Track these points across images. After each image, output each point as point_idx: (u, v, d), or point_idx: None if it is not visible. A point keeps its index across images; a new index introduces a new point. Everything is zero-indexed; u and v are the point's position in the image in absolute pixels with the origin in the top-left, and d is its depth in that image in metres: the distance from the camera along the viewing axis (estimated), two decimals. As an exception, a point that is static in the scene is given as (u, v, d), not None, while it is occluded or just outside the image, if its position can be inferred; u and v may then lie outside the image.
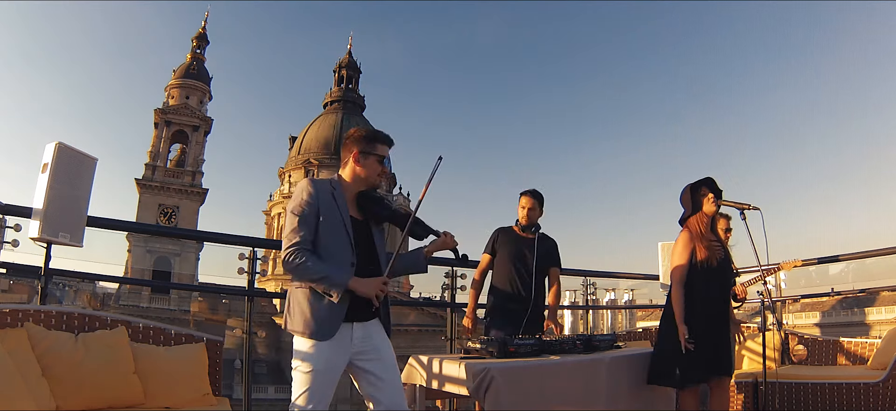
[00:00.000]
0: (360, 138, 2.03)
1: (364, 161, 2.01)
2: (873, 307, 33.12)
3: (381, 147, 2.04)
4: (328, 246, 1.89)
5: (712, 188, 2.98)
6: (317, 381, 1.84)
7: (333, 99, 42.64)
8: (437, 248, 2.09)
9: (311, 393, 1.83)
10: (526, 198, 3.30)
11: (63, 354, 2.19)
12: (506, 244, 3.30)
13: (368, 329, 1.97)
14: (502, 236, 3.33)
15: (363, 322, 1.95)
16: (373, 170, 2.02)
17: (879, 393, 3.22)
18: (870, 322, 32.46)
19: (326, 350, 1.85)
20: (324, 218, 1.90)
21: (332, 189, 1.97)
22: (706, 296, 2.86)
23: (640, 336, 4.73)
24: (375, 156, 2.02)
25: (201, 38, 40.32)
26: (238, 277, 3.57)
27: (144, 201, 35.84)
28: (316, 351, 1.84)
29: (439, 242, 2.06)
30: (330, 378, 1.87)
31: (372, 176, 2.03)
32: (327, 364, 1.86)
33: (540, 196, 3.32)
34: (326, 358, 1.85)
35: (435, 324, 26.47)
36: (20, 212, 3.02)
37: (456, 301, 4.46)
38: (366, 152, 2.01)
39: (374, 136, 2.05)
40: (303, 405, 1.82)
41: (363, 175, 2.02)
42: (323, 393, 1.85)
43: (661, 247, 5.06)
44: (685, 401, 2.94)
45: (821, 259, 4.73)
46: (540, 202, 3.31)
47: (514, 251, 3.26)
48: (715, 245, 2.96)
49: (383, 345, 2.00)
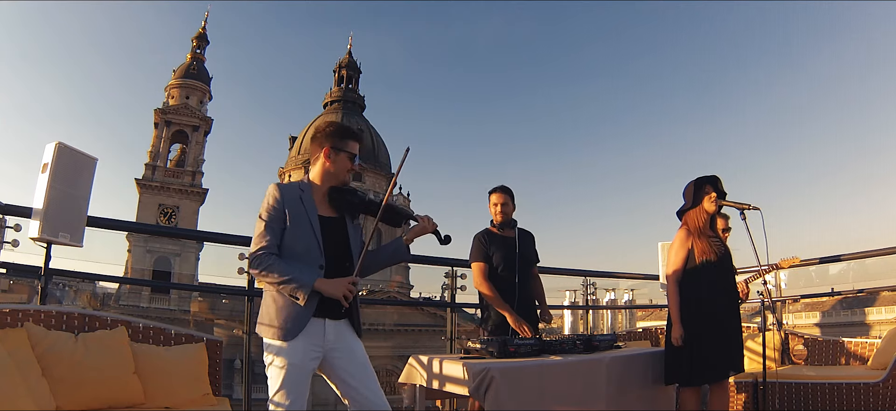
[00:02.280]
0: (331, 134, 2.01)
1: (335, 157, 2.00)
2: (873, 307, 33.09)
3: (352, 144, 2.03)
4: (295, 249, 1.89)
5: (716, 187, 2.98)
6: (291, 377, 1.83)
7: (333, 99, 42.58)
8: (417, 234, 2.07)
9: (287, 389, 1.82)
10: (497, 196, 3.25)
11: (63, 354, 2.19)
12: (494, 247, 3.19)
13: (341, 327, 1.96)
14: (489, 239, 3.22)
15: (335, 320, 1.94)
16: (343, 166, 2.01)
17: (879, 393, 3.22)
18: (870, 322, 32.43)
19: (300, 345, 1.84)
20: (291, 221, 1.89)
21: (300, 191, 1.96)
22: (710, 293, 2.86)
23: (640, 336, 4.73)
24: (346, 152, 2.01)
25: (201, 38, 40.27)
26: (238, 277, 3.57)
27: (144, 201, 35.79)
28: (289, 345, 1.84)
29: (418, 228, 2.05)
30: (304, 373, 1.86)
31: (342, 172, 2.02)
32: (301, 358, 1.85)
33: (510, 191, 3.29)
34: (301, 353, 1.85)
35: (435, 324, 26.45)
36: (20, 212, 3.01)
37: (456, 301, 4.46)
38: (337, 148, 2.00)
39: (345, 133, 2.04)
40: (281, 401, 1.82)
41: (333, 171, 2.01)
42: (299, 389, 1.84)
43: (661, 247, 5.05)
44: (685, 401, 2.95)
45: (821, 259, 4.73)
46: (511, 197, 3.27)
47: (501, 252, 3.18)
48: (714, 241, 2.96)
49: (355, 344, 1.99)
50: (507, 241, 3.21)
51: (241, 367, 3.54)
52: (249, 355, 3.66)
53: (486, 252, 3.17)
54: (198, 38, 40.18)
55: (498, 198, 3.24)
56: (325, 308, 1.90)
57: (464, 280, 4.49)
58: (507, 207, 3.23)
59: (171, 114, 37.59)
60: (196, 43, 40.01)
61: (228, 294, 29.34)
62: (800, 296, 5.39)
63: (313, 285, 1.83)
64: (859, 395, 3.29)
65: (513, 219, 3.27)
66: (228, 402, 2.64)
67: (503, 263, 3.15)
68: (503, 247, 3.18)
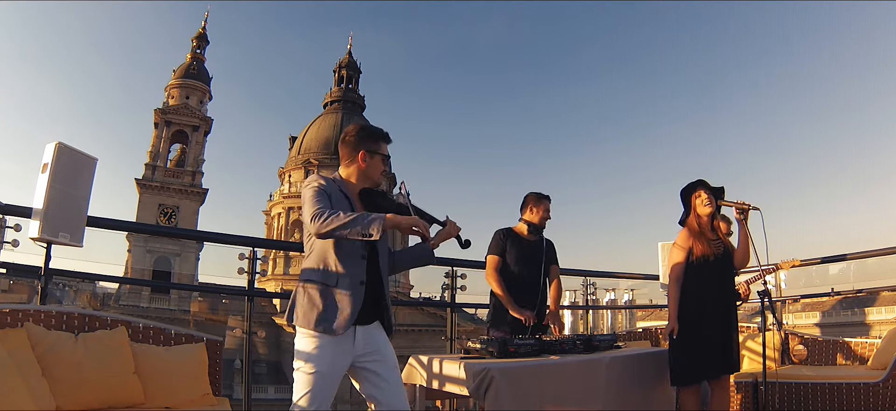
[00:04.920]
0: (365, 138, 2.03)
1: (371, 159, 2.03)
2: (873, 307, 33.10)
3: (384, 146, 2.06)
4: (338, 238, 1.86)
5: (705, 188, 3.02)
6: (319, 382, 1.82)
7: (333, 99, 42.57)
8: (443, 239, 2.09)
9: (313, 394, 1.82)
10: (547, 202, 3.33)
11: (63, 354, 2.19)
12: (514, 247, 3.25)
13: (370, 331, 1.96)
14: (509, 238, 3.27)
15: (365, 325, 1.94)
16: (377, 169, 2.04)
17: (879, 393, 3.22)
18: (870, 322, 32.44)
19: (330, 351, 1.84)
20: (334, 206, 1.88)
21: (339, 185, 1.98)
22: (707, 293, 2.88)
23: (640, 336, 4.72)
24: (380, 154, 2.04)
25: (201, 38, 40.29)
26: (238, 277, 3.58)
27: (144, 201, 35.81)
28: (319, 351, 1.83)
29: (444, 232, 2.07)
30: (332, 379, 1.86)
31: (376, 174, 2.05)
32: (331, 365, 1.84)
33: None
34: (330, 359, 1.84)
35: (435, 324, 26.43)
36: (20, 212, 3.02)
37: (456, 301, 4.45)
38: (372, 151, 2.02)
39: (379, 135, 2.06)
40: (305, 406, 1.81)
41: (367, 173, 2.03)
42: (325, 394, 1.84)
43: (661, 247, 5.05)
44: (685, 401, 2.95)
45: (823, 259, 4.73)
46: None
47: (522, 255, 3.23)
48: (715, 242, 2.97)
49: (385, 346, 1.99)
50: (529, 245, 3.27)
51: (241, 367, 3.54)
52: (249, 355, 3.66)
53: (502, 248, 3.24)
54: (198, 38, 40.20)
55: (547, 205, 3.33)
56: (361, 314, 1.90)
57: (464, 280, 4.49)
58: (549, 216, 3.33)
59: (171, 114, 37.60)
60: (196, 43, 40.04)
61: (228, 294, 29.40)
62: (800, 296, 5.39)
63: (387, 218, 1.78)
64: (859, 395, 3.29)
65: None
66: (228, 402, 2.64)
67: (518, 264, 3.20)
68: (523, 249, 3.25)
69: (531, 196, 3.35)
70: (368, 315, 1.94)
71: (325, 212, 1.78)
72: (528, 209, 3.33)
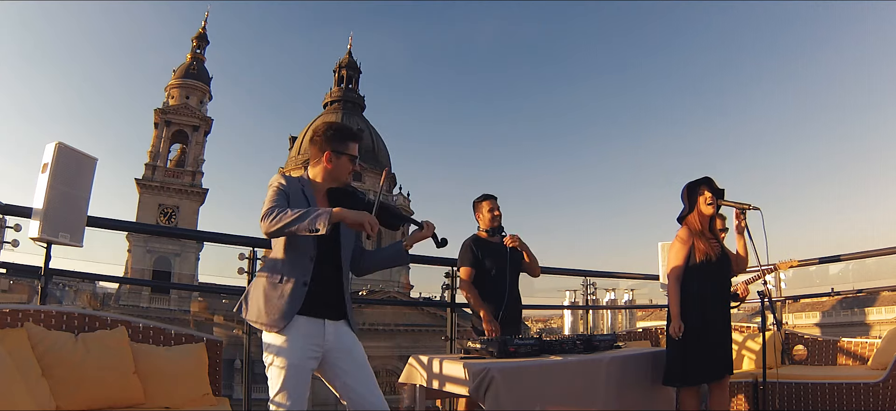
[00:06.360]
0: (332, 137, 2.02)
1: (336, 160, 2.01)
2: (873, 307, 33.10)
3: (352, 145, 2.04)
4: (291, 236, 1.87)
5: (711, 188, 2.99)
6: (292, 377, 1.83)
7: (333, 99, 42.57)
8: (418, 239, 2.07)
9: (288, 390, 1.82)
10: (491, 203, 3.37)
11: (63, 354, 2.19)
12: (480, 250, 3.28)
13: (340, 327, 1.97)
14: (479, 245, 3.30)
15: (334, 320, 1.95)
16: (345, 169, 2.03)
17: (879, 393, 3.22)
18: (870, 322, 32.44)
19: (299, 345, 1.85)
20: (292, 207, 1.87)
21: (301, 184, 1.98)
22: (705, 293, 2.87)
23: (640, 336, 4.73)
24: (347, 155, 2.02)
25: (201, 38, 40.25)
26: (238, 277, 3.57)
27: (144, 201, 35.78)
28: (289, 345, 1.84)
29: (419, 233, 2.05)
30: (304, 373, 1.86)
31: (343, 175, 2.03)
32: (300, 358, 1.84)
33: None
34: (299, 353, 1.85)
35: (435, 324, 26.42)
36: (20, 212, 3.01)
37: (456, 301, 4.45)
38: (338, 151, 2.01)
39: (346, 134, 2.05)
40: (282, 402, 1.82)
41: (334, 173, 2.02)
42: (300, 389, 1.84)
43: (661, 247, 5.05)
44: (685, 401, 2.95)
45: (821, 259, 4.73)
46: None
47: (492, 259, 3.27)
48: (714, 243, 2.97)
49: (353, 344, 1.99)
50: (495, 247, 3.30)
51: (242, 367, 3.54)
52: (249, 355, 3.66)
53: (474, 257, 3.26)
54: (198, 38, 40.17)
55: (493, 205, 3.37)
56: (324, 309, 1.91)
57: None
58: (499, 213, 3.36)
59: (171, 114, 37.57)
60: (196, 43, 40.00)
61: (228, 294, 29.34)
62: (800, 296, 5.39)
63: (333, 212, 1.76)
64: (859, 395, 3.29)
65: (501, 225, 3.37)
66: (228, 402, 2.63)
67: (495, 268, 3.24)
68: (494, 252, 3.28)
69: (475, 201, 3.43)
70: (335, 311, 1.95)
71: (274, 211, 1.79)
72: (478, 213, 3.40)
